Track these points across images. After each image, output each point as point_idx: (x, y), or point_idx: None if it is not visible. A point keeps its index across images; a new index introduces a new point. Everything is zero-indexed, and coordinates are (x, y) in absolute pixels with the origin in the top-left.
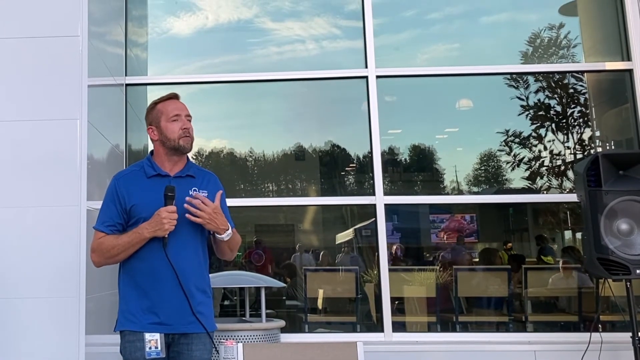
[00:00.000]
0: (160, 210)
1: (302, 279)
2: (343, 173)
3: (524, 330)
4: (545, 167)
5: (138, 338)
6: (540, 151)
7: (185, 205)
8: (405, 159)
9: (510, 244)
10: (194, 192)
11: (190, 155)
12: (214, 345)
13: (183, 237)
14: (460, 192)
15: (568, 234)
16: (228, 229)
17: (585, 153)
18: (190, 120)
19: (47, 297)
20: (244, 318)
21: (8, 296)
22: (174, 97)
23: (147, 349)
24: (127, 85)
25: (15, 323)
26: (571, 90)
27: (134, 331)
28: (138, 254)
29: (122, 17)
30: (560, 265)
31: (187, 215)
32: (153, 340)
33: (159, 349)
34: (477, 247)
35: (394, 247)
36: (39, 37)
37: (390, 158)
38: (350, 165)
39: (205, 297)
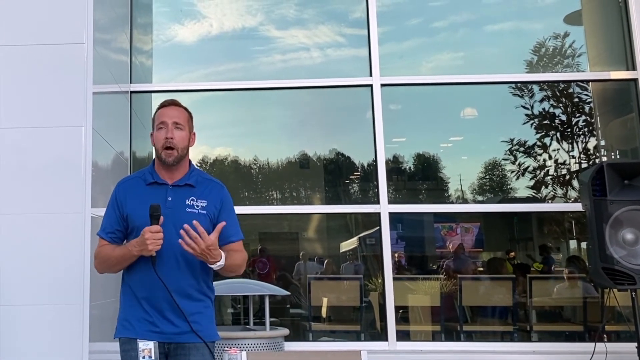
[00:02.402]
0: (144, 231)
1: (301, 288)
2: (347, 181)
3: (529, 340)
4: (550, 176)
5: (133, 347)
6: (545, 160)
7: (182, 231)
8: (410, 168)
9: (513, 253)
10: (194, 220)
11: (194, 162)
12: (213, 355)
13: (177, 248)
14: (464, 201)
15: (573, 244)
16: (219, 261)
17: (590, 162)
18: (181, 128)
19: (51, 304)
20: (247, 326)
21: (12, 303)
22: (168, 104)
23: (141, 358)
24: (131, 92)
25: (19, 330)
26: (576, 100)
27: (130, 339)
28: (134, 266)
29: (127, 24)
30: (565, 274)
31: (180, 241)
32: (147, 349)
33: (153, 357)
34: (482, 256)
35: (395, 255)
36: (44, 44)
37: (394, 166)
38: (355, 173)
39: (202, 307)
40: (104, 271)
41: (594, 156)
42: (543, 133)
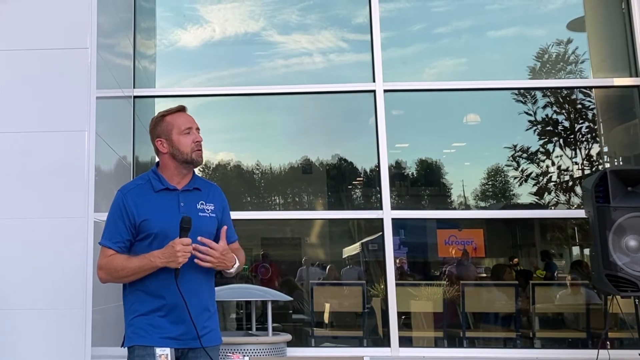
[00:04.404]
0: (175, 243)
1: (305, 293)
2: (350, 187)
3: (532, 346)
4: (553, 183)
5: (148, 353)
6: (548, 167)
7: (193, 250)
8: (413, 173)
9: (516, 260)
10: (199, 237)
11: (197, 167)
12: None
13: (192, 261)
14: (467, 207)
15: (576, 250)
16: (236, 263)
17: (593, 169)
18: (199, 133)
19: (54, 309)
20: (250, 332)
21: (14, 307)
22: (182, 109)
23: None
24: (135, 97)
25: (21, 334)
26: (579, 106)
27: (144, 346)
28: (148, 276)
29: (131, 29)
30: (568, 281)
31: (195, 260)
32: (164, 355)
33: None
34: (484, 262)
35: (397, 260)
36: (48, 49)
37: (397, 172)
38: (358, 179)
39: (212, 313)
40: (111, 281)
41: (597, 163)
42: (546, 139)
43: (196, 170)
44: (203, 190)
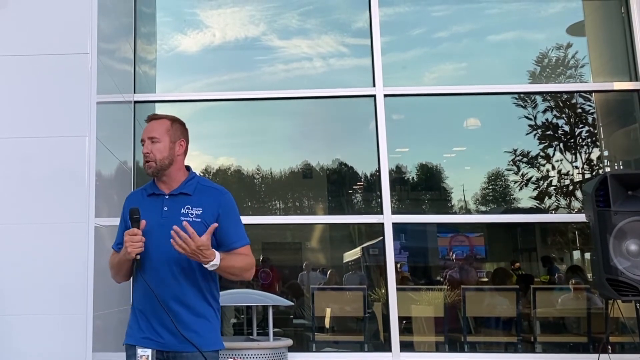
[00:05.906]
0: (125, 234)
1: (309, 297)
2: (350, 191)
3: (533, 350)
4: (554, 187)
5: (133, 353)
6: (548, 171)
7: (172, 232)
8: (413, 178)
9: (518, 264)
10: (184, 221)
11: (198, 172)
12: None
13: (174, 258)
14: (468, 212)
15: (577, 254)
16: (213, 261)
17: (594, 173)
18: (156, 141)
19: (55, 314)
20: (251, 337)
21: (15, 313)
22: (148, 120)
23: None
24: (135, 102)
25: (22, 340)
26: (579, 110)
27: (130, 345)
28: (135, 278)
29: (131, 34)
30: (571, 285)
31: (171, 241)
32: (144, 355)
33: None
34: (485, 266)
35: (398, 265)
36: (48, 55)
37: (397, 177)
38: (358, 183)
39: (204, 315)
40: (116, 279)
41: (597, 167)
42: (546, 143)
43: (199, 174)
44: (194, 195)
